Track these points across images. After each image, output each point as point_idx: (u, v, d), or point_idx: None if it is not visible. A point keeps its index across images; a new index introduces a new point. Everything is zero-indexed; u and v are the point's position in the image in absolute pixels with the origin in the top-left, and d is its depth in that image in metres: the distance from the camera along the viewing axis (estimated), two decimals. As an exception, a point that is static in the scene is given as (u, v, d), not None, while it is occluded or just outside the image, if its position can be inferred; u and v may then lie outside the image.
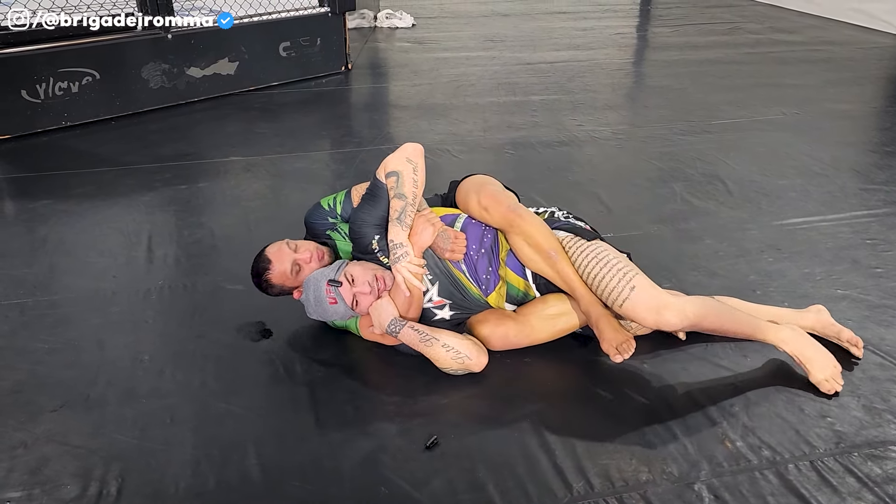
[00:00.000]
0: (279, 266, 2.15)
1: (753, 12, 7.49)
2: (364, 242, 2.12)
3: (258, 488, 1.72)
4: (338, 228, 2.28)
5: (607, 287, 2.02)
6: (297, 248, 2.17)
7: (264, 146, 3.88)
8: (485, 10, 7.76)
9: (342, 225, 2.28)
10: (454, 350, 2.03)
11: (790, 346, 2.03)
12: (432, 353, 2.04)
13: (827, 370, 2.00)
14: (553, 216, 2.27)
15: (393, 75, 5.47)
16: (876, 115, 4.47)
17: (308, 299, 2.07)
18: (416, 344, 2.05)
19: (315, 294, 2.04)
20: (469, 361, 2.04)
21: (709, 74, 5.22)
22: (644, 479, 1.73)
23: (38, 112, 4.00)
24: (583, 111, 4.40)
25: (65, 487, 1.72)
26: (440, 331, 2.07)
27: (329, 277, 2.03)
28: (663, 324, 1.97)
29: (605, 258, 2.07)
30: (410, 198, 2.07)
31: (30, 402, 2.00)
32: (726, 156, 3.67)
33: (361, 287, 2.02)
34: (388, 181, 2.09)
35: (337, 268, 2.06)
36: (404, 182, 2.07)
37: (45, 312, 2.41)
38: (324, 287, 2.02)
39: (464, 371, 2.05)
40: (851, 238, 2.82)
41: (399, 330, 2.04)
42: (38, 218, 3.07)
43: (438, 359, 2.04)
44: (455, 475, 1.75)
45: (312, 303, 2.06)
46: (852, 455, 1.79)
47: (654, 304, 1.96)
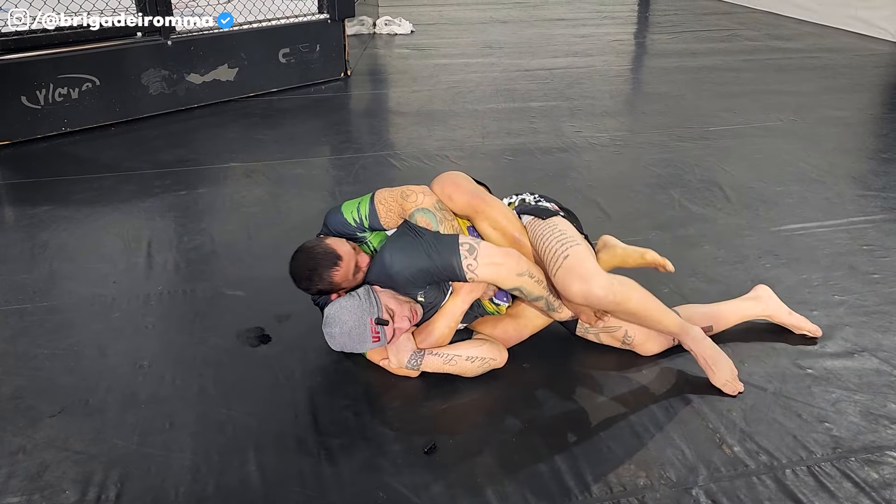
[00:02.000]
0: (347, 264, 2.00)
1: (751, 19, 7.52)
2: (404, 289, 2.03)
3: (258, 494, 1.72)
4: (367, 242, 2.15)
5: (546, 257, 2.01)
6: (356, 249, 2.07)
7: (264, 152, 3.89)
8: (483, 17, 7.79)
9: (373, 238, 2.14)
10: (479, 359, 2.05)
11: (697, 347, 2.06)
12: (458, 370, 2.06)
13: (727, 372, 2.03)
14: (524, 202, 2.24)
15: (392, 82, 5.49)
16: (873, 121, 4.49)
17: (344, 333, 1.95)
18: (441, 367, 2.05)
19: (357, 331, 1.94)
20: (494, 363, 2.08)
21: (707, 81, 5.24)
22: (642, 484, 1.74)
23: (37, 118, 4.00)
24: (581, 118, 4.42)
25: (64, 493, 1.72)
26: (457, 345, 2.08)
27: (372, 314, 1.94)
28: (589, 294, 1.90)
29: (552, 232, 2.05)
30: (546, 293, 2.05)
31: (30, 407, 2.00)
32: (724, 162, 3.68)
33: (401, 323, 1.97)
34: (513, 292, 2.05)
35: (371, 301, 1.96)
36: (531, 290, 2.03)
37: (45, 318, 2.41)
38: (368, 325, 1.93)
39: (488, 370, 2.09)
40: (849, 244, 2.83)
41: (420, 362, 2.04)
42: (38, 224, 3.08)
43: (465, 371, 2.06)
44: (454, 480, 1.75)
45: (349, 337, 1.95)
46: (850, 460, 1.80)
47: (582, 273, 1.92)
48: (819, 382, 2.07)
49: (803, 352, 2.20)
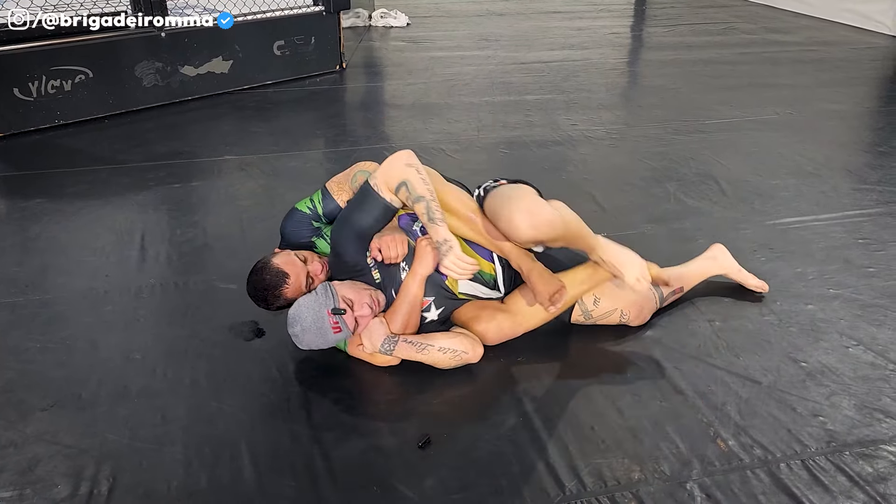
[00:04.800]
0: (296, 279, 2.03)
1: (747, 12, 7.51)
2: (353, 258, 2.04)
3: (250, 487, 1.72)
4: (323, 234, 2.18)
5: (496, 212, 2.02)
6: (306, 259, 2.08)
7: (258, 145, 3.87)
8: (479, 10, 7.76)
9: (326, 229, 2.18)
10: (451, 350, 2.05)
11: (606, 254, 2.09)
12: (430, 359, 2.05)
13: (636, 269, 2.07)
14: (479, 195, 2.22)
15: (387, 74, 5.46)
16: (869, 115, 4.49)
17: (305, 330, 1.96)
18: (413, 355, 2.05)
19: (316, 325, 1.95)
20: (466, 356, 2.06)
21: (703, 74, 5.23)
22: (636, 478, 1.74)
23: (30, 110, 3.98)
24: (577, 111, 4.40)
25: (56, 487, 1.71)
26: (432, 335, 2.08)
27: (328, 306, 1.95)
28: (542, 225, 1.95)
29: (500, 189, 2.08)
30: (428, 195, 1.98)
31: (21, 401, 1.99)
32: (720, 155, 3.68)
33: (361, 310, 1.98)
34: (399, 194, 1.99)
35: (328, 294, 1.98)
36: (415, 185, 1.98)
37: (37, 311, 2.40)
38: (326, 317, 1.94)
39: (462, 364, 2.07)
40: (844, 237, 2.83)
41: (393, 347, 2.03)
42: (30, 216, 3.06)
43: (437, 362, 2.05)
44: (448, 474, 1.75)
45: (311, 333, 1.96)
46: (844, 454, 1.80)
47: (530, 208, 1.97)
48: (813, 376, 2.07)
49: (798, 345, 2.19)
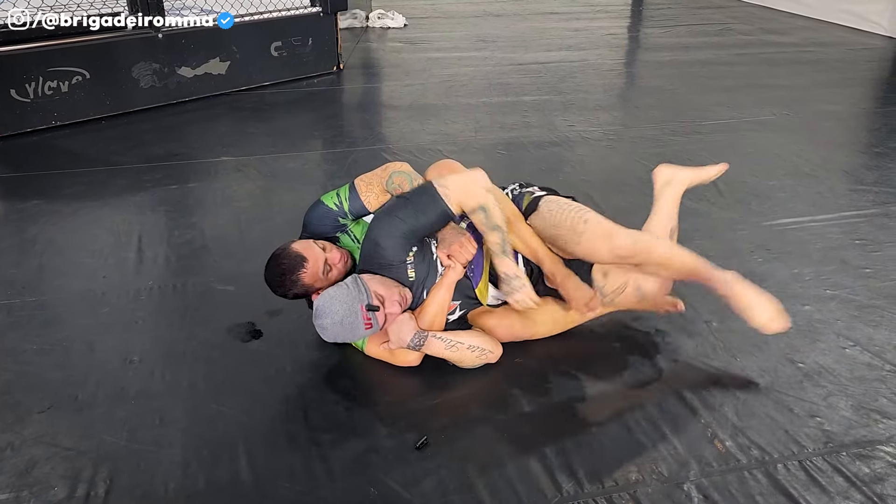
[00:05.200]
0: (314, 264, 2.02)
1: (744, 13, 7.52)
2: (394, 255, 2.02)
3: (248, 489, 1.72)
4: (348, 231, 2.18)
5: (563, 230, 2.05)
6: (325, 247, 2.08)
7: (256, 146, 3.87)
8: (476, 11, 7.76)
9: (354, 226, 2.19)
10: (479, 349, 2.06)
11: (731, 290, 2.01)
12: (458, 357, 2.06)
13: (768, 310, 1.99)
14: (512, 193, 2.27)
15: (385, 75, 5.46)
16: (865, 116, 4.50)
17: (336, 323, 1.94)
18: (442, 352, 2.04)
19: (349, 319, 1.93)
20: (490, 355, 2.09)
21: (700, 75, 5.24)
22: (634, 479, 1.74)
23: (27, 111, 3.97)
24: (574, 112, 4.41)
25: (53, 489, 1.71)
26: (460, 333, 2.09)
27: (362, 301, 1.94)
28: (617, 248, 1.97)
29: (558, 208, 2.11)
30: (504, 226, 2.01)
31: (18, 403, 1.99)
32: (717, 156, 3.67)
33: (392, 307, 1.98)
34: (474, 216, 2.01)
35: (360, 288, 1.96)
36: (494, 215, 1.99)
37: (34, 313, 2.39)
38: (359, 312, 1.93)
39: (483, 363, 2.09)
40: (840, 238, 2.83)
41: (423, 342, 2.02)
42: (27, 218, 3.05)
43: (463, 360, 2.07)
44: (445, 475, 1.75)
45: (341, 327, 1.94)
46: (841, 455, 1.80)
47: (605, 231, 2.00)
48: (811, 377, 2.07)
49: (795, 346, 2.20)
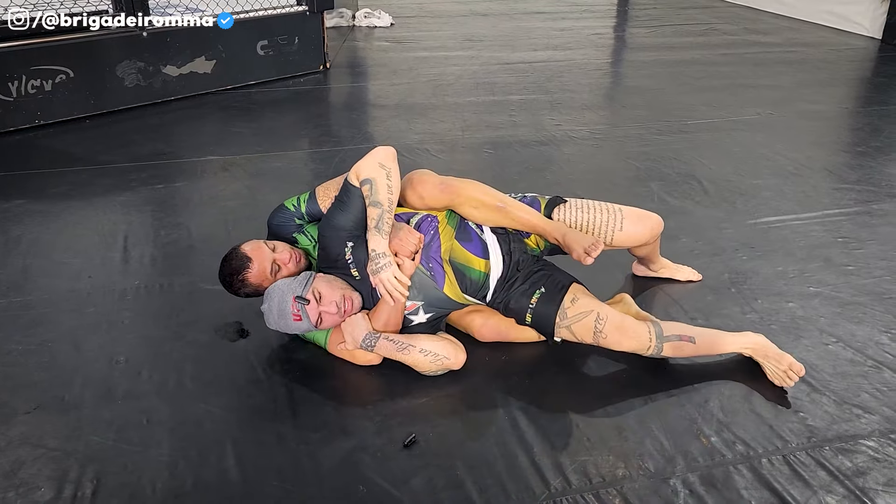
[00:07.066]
0: (259, 265, 2.08)
1: (729, 14, 7.58)
2: (335, 252, 2.05)
3: (236, 489, 1.72)
4: (304, 231, 2.24)
5: (600, 222, 2.20)
6: (275, 247, 2.13)
7: (242, 145, 3.85)
8: (463, 10, 7.77)
9: (309, 227, 2.24)
10: (432, 353, 2.03)
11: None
12: (410, 361, 2.04)
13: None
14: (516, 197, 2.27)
15: (371, 74, 5.46)
16: (848, 115, 4.55)
17: (270, 310, 2.01)
18: (394, 354, 2.04)
19: (279, 307, 1.98)
20: (448, 362, 2.05)
21: (685, 75, 5.27)
22: (621, 474, 1.75)
23: (10, 110, 3.94)
24: (561, 111, 4.43)
25: (40, 490, 1.70)
26: (415, 336, 2.07)
27: (296, 293, 1.97)
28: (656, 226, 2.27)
29: (586, 205, 2.23)
30: (386, 205, 1.98)
31: (3, 404, 1.97)
32: (702, 155, 3.71)
33: (328, 307, 1.98)
34: (363, 189, 2.00)
35: (304, 282, 2.00)
36: (378, 189, 1.98)
37: (19, 313, 2.37)
38: (290, 302, 1.97)
39: (444, 371, 2.06)
40: (824, 236, 2.87)
41: (374, 343, 2.03)
42: (11, 218, 3.03)
43: (417, 364, 2.04)
44: (434, 473, 1.75)
45: (275, 314, 2.00)
46: (824, 449, 1.82)
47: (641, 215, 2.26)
48: (794, 373, 2.10)
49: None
